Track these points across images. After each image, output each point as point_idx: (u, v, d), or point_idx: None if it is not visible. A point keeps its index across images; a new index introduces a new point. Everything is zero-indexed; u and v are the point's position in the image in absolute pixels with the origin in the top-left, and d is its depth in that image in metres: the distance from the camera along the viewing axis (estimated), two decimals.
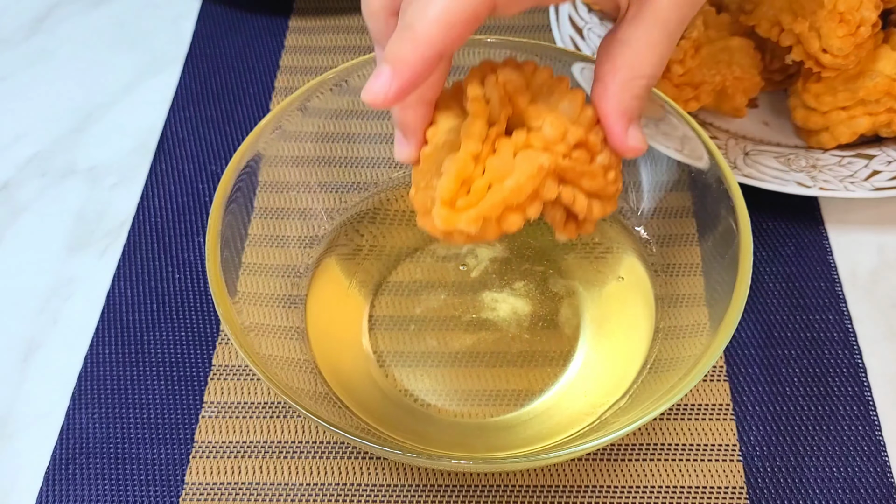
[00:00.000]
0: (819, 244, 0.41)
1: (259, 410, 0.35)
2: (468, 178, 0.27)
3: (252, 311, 0.32)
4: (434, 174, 0.28)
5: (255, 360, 0.28)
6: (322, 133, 0.38)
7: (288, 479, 0.34)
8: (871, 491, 0.33)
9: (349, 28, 0.53)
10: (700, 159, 0.34)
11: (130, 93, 0.50)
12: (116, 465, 0.34)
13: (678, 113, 0.34)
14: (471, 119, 0.27)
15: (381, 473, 0.34)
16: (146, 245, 0.42)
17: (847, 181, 0.40)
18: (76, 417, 0.36)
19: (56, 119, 0.49)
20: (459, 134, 0.27)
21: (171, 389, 0.36)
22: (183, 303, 0.39)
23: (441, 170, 0.27)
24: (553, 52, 0.38)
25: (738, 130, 0.45)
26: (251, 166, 0.34)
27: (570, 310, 0.36)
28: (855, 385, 0.36)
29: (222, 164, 0.45)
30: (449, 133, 0.28)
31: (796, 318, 0.38)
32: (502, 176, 0.27)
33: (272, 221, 0.38)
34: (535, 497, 0.33)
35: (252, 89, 0.50)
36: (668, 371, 0.31)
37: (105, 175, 0.46)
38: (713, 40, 0.43)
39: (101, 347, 0.38)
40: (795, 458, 0.34)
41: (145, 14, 0.55)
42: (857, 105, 0.41)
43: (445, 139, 0.28)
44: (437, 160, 0.28)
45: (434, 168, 0.28)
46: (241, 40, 0.53)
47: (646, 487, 0.33)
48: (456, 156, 0.27)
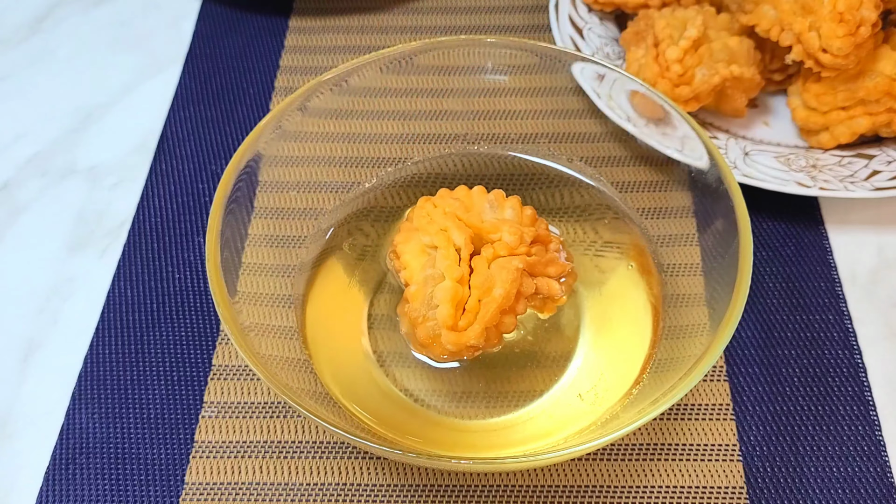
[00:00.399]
0: (819, 244, 0.41)
1: (259, 410, 0.35)
2: (461, 300, 0.31)
3: (252, 311, 0.32)
4: (428, 307, 0.32)
5: (255, 360, 0.28)
6: (322, 133, 0.38)
7: (288, 479, 0.34)
8: (871, 491, 0.33)
9: (349, 28, 0.53)
10: (700, 159, 0.34)
11: (130, 93, 0.50)
12: (116, 465, 0.34)
13: (678, 113, 0.34)
14: (442, 251, 0.32)
15: (381, 473, 0.34)
16: (146, 245, 0.42)
17: (847, 181, 0.40)
18: (76, 417, 0.36)
19: (56, 119, 0.49)
20: (435, 266, 0.32)
21: (171, 389, 0.36)
22: (183, 303, 0.39)
23: (433, 301, 0.31)
24: (553, 52, 0.37)
25: (738, 130, 0.45)
26: (251, 166, 0.34)
27: (571, 310, 0.36)
28: (855, 385, 0.36)
29: (222, 164, 0.46)
30: (424, 269, 0.32)
31: (796, 318, 0.38)
32: (488, 288, 0.31)
33: (272, 221, 0.38)
34: (535, 497, 0.33)
35: (252, 89, 0.50)
36: (668, 371, 0.31)
37: (105, 175, 0.46)
38: (713, 40, 0.43)
39: (101, 347, 0.38)
40: (795, 458, 0.34)
41: (145, 14, 0.55)
42: (857, 105, 0.41)
43: (424, 276, 0.32)
44: (424, 296, 0.32)
45: (425, 302, 0.32)
46: (241, 40, 0.53)
47: (646, 487, 0.33)
48: (443, 286, 0.31)
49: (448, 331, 0.31)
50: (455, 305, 0.31)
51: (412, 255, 0.33)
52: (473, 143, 0.42)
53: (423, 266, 0.33)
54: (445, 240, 0.32)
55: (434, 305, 0.31)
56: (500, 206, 0.34)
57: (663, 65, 0.42)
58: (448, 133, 0.43)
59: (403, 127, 0.43)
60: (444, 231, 0.32)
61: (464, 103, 0.42)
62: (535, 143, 0.41)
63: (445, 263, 0.31)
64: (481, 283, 0.31)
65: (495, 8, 0.54)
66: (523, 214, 0.34)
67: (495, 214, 0.34)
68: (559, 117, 0.41)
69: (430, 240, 0.33)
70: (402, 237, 0.34)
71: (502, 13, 0.53)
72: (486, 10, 0.54)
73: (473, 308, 0.31)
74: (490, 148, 0.42)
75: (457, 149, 0.42)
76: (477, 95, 0.42)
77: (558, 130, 0.41)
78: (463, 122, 0.43)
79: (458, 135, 0.43)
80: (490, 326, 0.31)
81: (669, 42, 0.42)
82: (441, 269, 0.32)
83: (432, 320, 0.32)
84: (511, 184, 0.40)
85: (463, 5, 0.54)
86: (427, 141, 0.43)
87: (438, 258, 0.32)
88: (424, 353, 0.33)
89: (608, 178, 0.39)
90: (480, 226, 0.33)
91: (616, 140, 0.39)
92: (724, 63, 0.42)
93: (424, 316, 0.32)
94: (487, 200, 0.35)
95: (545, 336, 0.36)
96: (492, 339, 0.32)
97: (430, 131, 0.44)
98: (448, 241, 0.32)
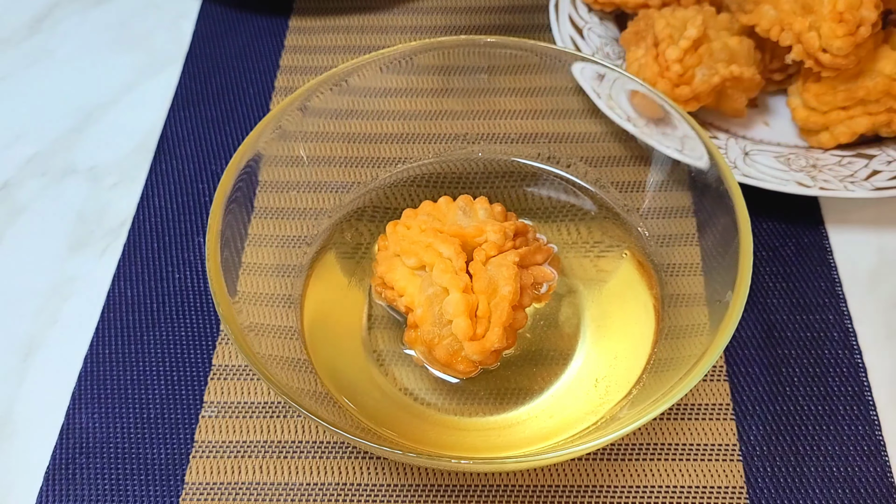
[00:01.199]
0: (819, 244, 0.41)
1: (259, 410, 0.35)
2: (472, 308, 0.31)
3: (252, 311, 0.32)
4: (440, 325, 0.32)
5: (255, 360, 0.28)
6: (322, 133, 0.38)
7: (288, 479, 0.34)
8: (871, 491, 0.33)
9: (349, 28, 0.53)
10: (700, 159, 0.34)
11: (130, 93, 0.50)
12: (116, 465, 0.34)
13: (678, 113, 0.34)
14: (439, 266, 0.31)
15: (381, 473, 0.34)
16: (146, 245, 0.42)
17: (847, 181, 0.40)
18: (76, 417, 0.36)
19: (56, 119, 0.49)
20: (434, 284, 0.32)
21: (171, 389, 0.36)
22: (183, 303, 0.39)
23: (444, 318, 0.31)
24: (553, 52, 0.37)
25: (738, 130, 0.45)
26: (251, 166, 0.34)
27: (571, 309, 0.36)
28: (855, 385, 0.36)
29: (222, 164, 0.46)
30: (423, 290, 0.32)
31: (796, 317, 0.38)
32: (494, 289, 0.31)
33: (272, 221, 0.38)
34: (535, 497, 0.33)
35: (252, 89, 0.50)
36: (668, 371, 0.31)
37: (105, 175, 0.46)
38: (713, 40, 0.43)
39: (101, 347, 0.38)
40: (795, 458, 0.34)
41: (145, 14, 0.55)
42: (857, 105, 0.41)
43: (426, 296, 0.32)
44: (433, 315, 0.32)
45: (436, 322, 0.32)
46: (241, 40, 0.53)
47: (646, 487, 0.33)
48: (451, 299, 0.31)
49: (469, 342, 0.31)
50: (469, 315, 0.31)
51: (405, 280, 0.33)
52: (473, 142, 0.42)
53: (421, 287, 0.32)
54: (435, 255, 0.32)
55: (446, 322, 0.31)
56: (472, 209, 0.35)
57: (663, 65, 0.42)
58: (448, 133, 0.43)
59: (403, 127, 0.43)
60: (429, 247, 0.32)
61: (464, 103, 0.42)
62: (534, 143, 0.41)
63: (446, 277, 0.31)
64: (486, 287, 0.31)
65: (495, 8, 0.54)
66: (495, 212, 0.35)
67: (470, 219, 0.34)
68: (559, 117, 0.41)
69: (415, 261, 0.32)
70: (384, 267, 0.34)
71: (502, 13, 0.53)
72: (486, 10, 0.54)
73: (485, 313, 0.31)
74: (490, 148, 0.42)
75: (456, 148, 0.42)
76: (477, 95, 0.42)
77: (558, 130, 0.41)
78: (463, 122, 0.43)
79: (458, 135, 0.43)
80: (506, 325, 0.31)
81: (669, 42, 0.42)
82: (443, 284, 0.31)
83: (448, 337, 0.31)
84: (511, 184, 0.40)
85: (463, 5, 0.54)
86: (427, 141, 0.43)
87: (436, 274, 0.31)
88: (449, 372, 0.33)
89: (608, 178, 0.39)
90: (463, 232, 0.33)
91: (616, 140, 0.39)
92: (724, 63, 0.42)
93: (439, 335, 0.32)
94: (459, 207, 0.35)
95: (545, 336, 0.36)
96: (509, 338, 0.32)
97: (430, 131, 0.44)
98: (438, 254, 0.32)
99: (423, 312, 0.32)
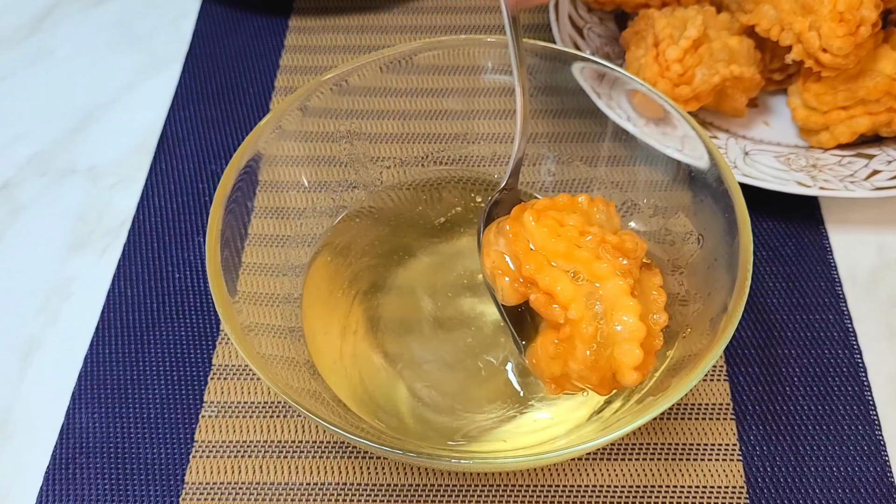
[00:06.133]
0: (819, 244, 0.41)
1: (259, 410, 0.35)
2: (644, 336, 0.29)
3: (252, 311, 0.32)
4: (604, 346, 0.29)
5: (255, 360, 0.28)
6: (322, 133, 0.38)
7: (288, 478, 0.34)
8: (871, 491, 0.33)
9: (349, 28, 0.53)
10: (700, 159, 0.34)
11: (130, 93, 0.50)
12: (116, 465, 0.34)
13: (678, 113, 0.34)
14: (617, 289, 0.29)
15: (381, 473, 0.34)
16: (146, 245, 0.42)
17: (847, 181, 0.40)
18: (76, 417, 0.36)
19: (56, 119, 0.49)
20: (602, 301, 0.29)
21: (171, 389, 0.36)
22: (183, 303, 0.39)
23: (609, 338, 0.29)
24: (553, 52, 0.37)
25: (738, 130, 0.45)
26: (251, 166, 0.34)
27: None
28: (855, 385, 0.36)
29: (222, 164, 0.45)
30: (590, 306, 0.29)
31: (796, 317, 0.38)
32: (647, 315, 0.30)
33: (272, 221, 0.38)
34: (535, 497, 0.33)
35: (252, 89, 0.50)
36: (668, 371, 0.31)
37: (105, 175, 0.46)
38: (713, 40, 0.43)
39: (101, 347, 0.38)
40: (795, 457, 0.34)
41: (145, 14, 0.55)
42: (857, 105, 0.41)
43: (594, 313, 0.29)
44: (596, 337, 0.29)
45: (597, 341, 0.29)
46: (241, 40, 0.53)
47: (646, 487, 0.33)
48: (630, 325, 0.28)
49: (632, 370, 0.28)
50: (640, 343, 0.28)
51: (570, 291, 0.29)
52: (473, 142, 0.42)
53: (587, 304, 0.29)
54: (608, 272, 0.29)
55: (609, 344, 0.29)
56: (610, 211, 0.32)
57: (663, 64, 0.42)
58: (448, 133, 0.43)
59: (403, 127, 0.43)
60: (598, 259, 0.29)
61: (464, 103, 0.42)
62: (534, 143, 0.41)
63: (629, 304, 0.29)
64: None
65: (495, 8, 0.54)
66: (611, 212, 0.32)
67: (609, 220, 0.32)
68: (559, 117, 0.41)
69: (573, 266, 0.29)
70: (534, 264, 0.30)
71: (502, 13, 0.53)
72: (486, 10, 0.53)
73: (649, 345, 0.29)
74: (490, 148, 0.42)
75: (457, 148, 0.42)
76: (477, 95, 0.42)
77: (558, 130, 0.41)
78: (463, 122, 0.43)
79: (458, 135, 0.43)
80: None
81: (669, 42, 0.42)
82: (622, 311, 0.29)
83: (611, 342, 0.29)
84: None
85: (463, 5, 0.54)
86: (427, 141, 0.43)
87: (612, 294, 0.29)
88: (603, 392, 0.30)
89: (608, 178, 0.39)
90: (625, 247, 0.30)
91: (616, 140, 0.39)
92: (724, 63, 0.42)
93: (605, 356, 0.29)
94: (598, 210, 0.32)
95: None
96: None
97: (430, 131, 0.44)
98: (613, 273, 0.29)
99: (593, 330, 0.29)
